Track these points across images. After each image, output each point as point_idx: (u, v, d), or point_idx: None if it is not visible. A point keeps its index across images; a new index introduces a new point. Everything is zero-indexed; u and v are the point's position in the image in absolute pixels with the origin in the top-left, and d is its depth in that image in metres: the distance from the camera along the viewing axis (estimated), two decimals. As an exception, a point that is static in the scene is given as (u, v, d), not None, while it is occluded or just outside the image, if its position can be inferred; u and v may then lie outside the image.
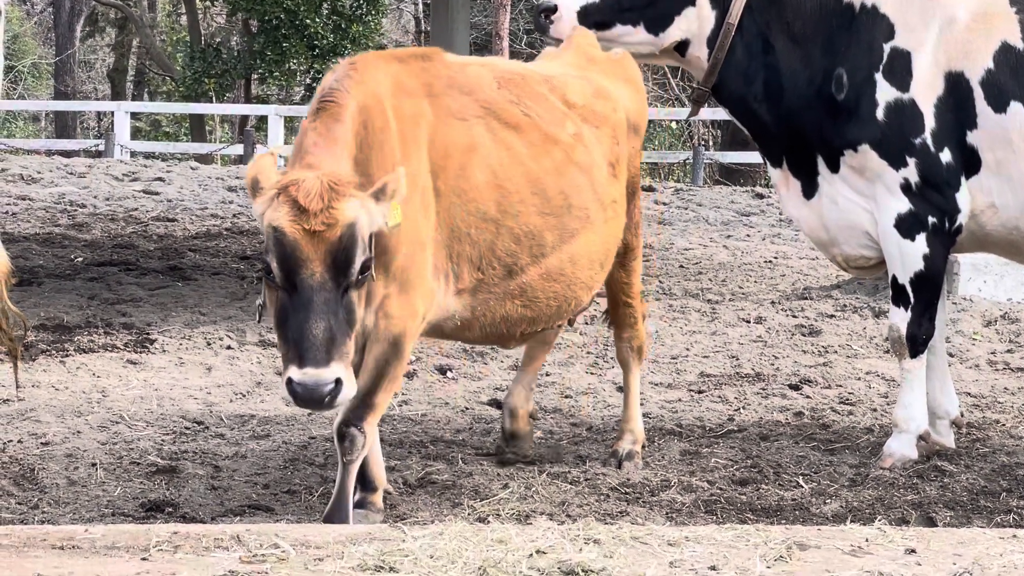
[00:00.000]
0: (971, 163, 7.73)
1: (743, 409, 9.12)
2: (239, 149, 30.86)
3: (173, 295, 12.53)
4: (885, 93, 7.74)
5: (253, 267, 14.02)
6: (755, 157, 25.22)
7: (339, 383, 5.84)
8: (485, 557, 5.16)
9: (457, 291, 6.65)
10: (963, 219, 7.78)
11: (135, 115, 38.68)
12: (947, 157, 7.72)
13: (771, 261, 15.58)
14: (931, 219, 7.74)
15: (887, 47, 7.77)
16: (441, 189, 6.55)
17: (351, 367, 5.95)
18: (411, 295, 6.38)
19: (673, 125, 35.69)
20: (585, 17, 7.88)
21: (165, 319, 11.34)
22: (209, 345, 10.43)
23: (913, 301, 7.80)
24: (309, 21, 34.04)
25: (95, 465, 7.49)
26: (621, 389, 9.50)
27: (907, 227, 7.75)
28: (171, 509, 6.84)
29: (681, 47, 7.99)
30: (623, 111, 7.53)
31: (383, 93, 6.44)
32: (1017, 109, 7.63)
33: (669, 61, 8.25)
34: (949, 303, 11.73)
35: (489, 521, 6.24)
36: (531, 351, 7.80)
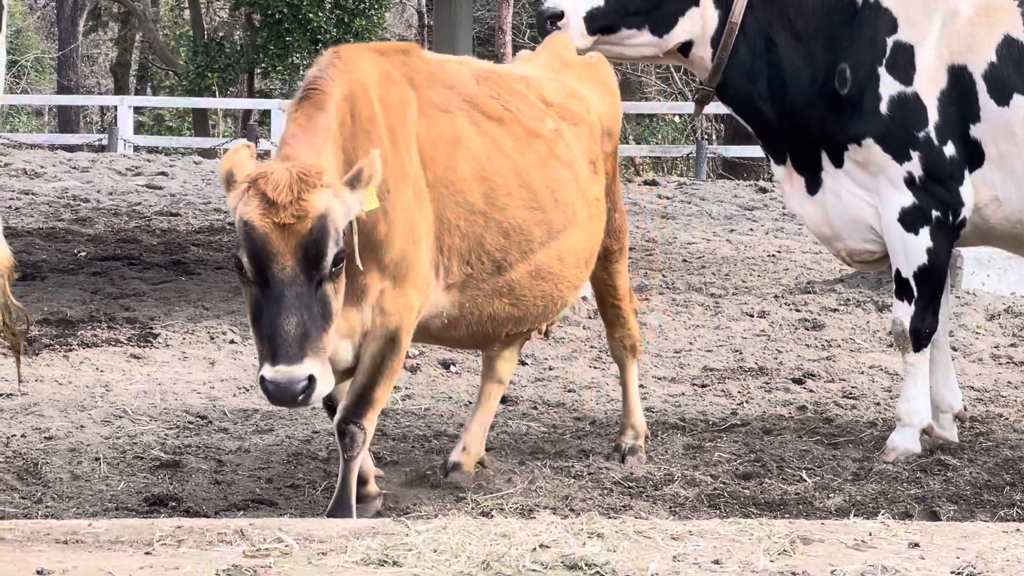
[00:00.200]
0: (974, 156, 7.73)
1: (746, 403, 9.11)
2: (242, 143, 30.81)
3: (176, 290, 12.54)
4: (888, 87, 7.74)
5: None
6: (758, 151, 25.18)
7: (312, 380, 5.69)
8: (488, 551, 5.16)
9: (447, 286, 6.59)
10: (967, 213, 7.78)
11: (138, 109, 38.67)
12: (950, 151, 7.72)
13: (774, 255, 15.57)
14: (935, 213, 7.74)
15: (890, 41, 7.77)
16: (430, 180, 6.48)
17: (328, 363, 5.82)
18: (406, 289, 6.32)
19: (676, 119, 35.66)
20: (591, 22, 7.86)
21: (168, 313, 11.35)
22: (212, 339, 10.43)
23: (917, 295, 7.80)
24: (312, 15, 34.04)
25: (98, 459, 7.49)
26: (624, 384, 9.52)
27: (911, 221, 7.74)
28: (175, 503, 6.84)
29: (685, 48, 7.99)
30: (596, 114, 7.46)
31: (369, 82, 6.36)
32: (1020, 102, 7.63)
33: (672, 62, 8.25)
34: (952, 297, 11.73)
35: (492, 515, 6.24)
36: (487, 388, 7.53)
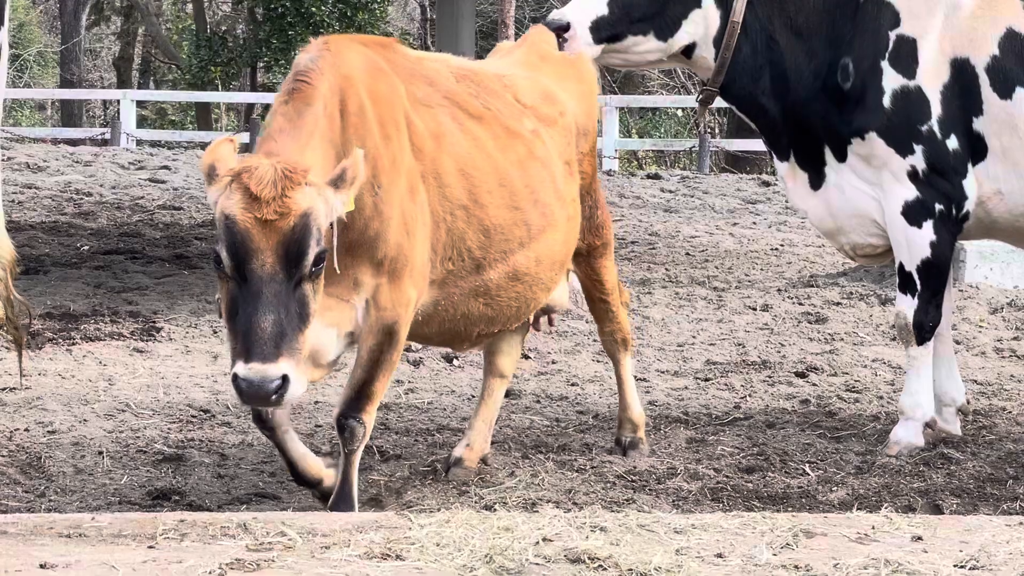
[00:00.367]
0: (977, 150, 7.73)
1: (749, 397, 9.12)
2: (245, 137, 30.82)
3: (179, 283, 12.55)
4: (891, 80, 7.74)
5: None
6: (761, 145, 25.15)
7: (286, 380, 5.56)
8: (491, 545, 5.16)
9: (429, 281, 6.57)
10: (970, 206, 7.78)
11: (141, 103, 38.68)
12: (953, 144, 7.72)
13: (777, 249, 15.57)
14: (938, 206, 7.74)
15: (892, 35, 7.77)
16: (420, 171, 6.42)
17: (302, 364, 5.69)
18: (402, 283, 6.28)
19: (679, 113, 35.67)
20: (597, 31, 7.86)
21: (171, 307, 11.35)
22: (215, 333, 10.43)
23: (920, 288, 7.80)
24: (315, 9, 34.05)
25: (101, 453, 7.50)
26: (627, 377, 9.51)
27: (914, 214, 7.74)
28: (178, 497, 6.85)
29: (688, 50, 7.99)
30: (571, 115, 7.39)
31: (357, 75, 6.29)
32: (1022, 95, 7.63)
33: (676, 65, 8.26)
34: (955, 290, 11.72)
35: (495, 509, 6.24)
36: (490, 384, 7.51)
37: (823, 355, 10.21)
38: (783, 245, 15.86)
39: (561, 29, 7.80)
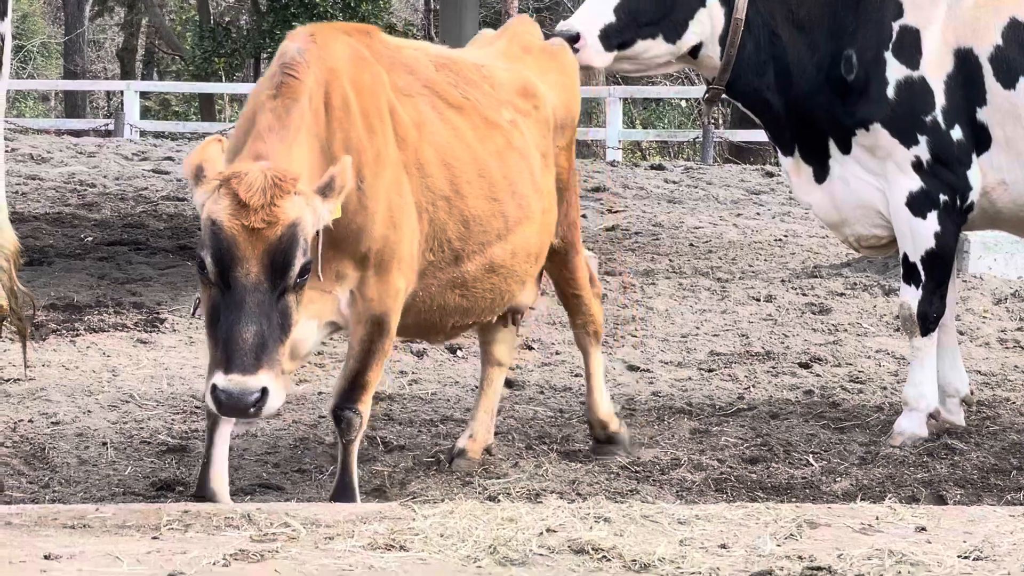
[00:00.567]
0: (981, 140, 7.73)
1: (753, 387, 9.12)
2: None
3: (183, 274, 12.54)
4: (895, 71, 7.74)
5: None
6: (765, 135, 25.18)
7: (265, 393, 5.48)
8: (495, 535, 5.17)
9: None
10: (974, 196, 7.78)
11: (144, 94, 38.67)
12: (957, 134, 7.72)
13: (781, 239, 15.56)
14: (942, 197, 7.74)
15: (896, 25, 7.77)
16: (404, 161, 6.37)
17: (281, 376, 5.59)
18: (390, 275, 6.23)
19: (683, 104, 35.64)
20: (607, 39, 7.86)
21: (175, 298, 11.35)
22: (219, 324, 10.42)
23: (924, 279, 7.80)
24: (318, 0, 34.02)
25: (106, 444, 7.50)
26: (632, 368, 9.52)
27: (918, 205, 7.74)
28: (182, 488, 6.85)
29: (694, 50, 8.00)
30: (549, 107, 7.31)
31: (342, 66, 6.23)
32: (1027, 86, 7.64)
33: (683, 66, 8.28)
34: (959, 281, 11.72)
35: (499, 500, 6.24)
36: (488, 373, 7.48)
37: (827, 346, 10.21)
38: (787, 236, 15.86)
39: (572, 39, 7.79)
